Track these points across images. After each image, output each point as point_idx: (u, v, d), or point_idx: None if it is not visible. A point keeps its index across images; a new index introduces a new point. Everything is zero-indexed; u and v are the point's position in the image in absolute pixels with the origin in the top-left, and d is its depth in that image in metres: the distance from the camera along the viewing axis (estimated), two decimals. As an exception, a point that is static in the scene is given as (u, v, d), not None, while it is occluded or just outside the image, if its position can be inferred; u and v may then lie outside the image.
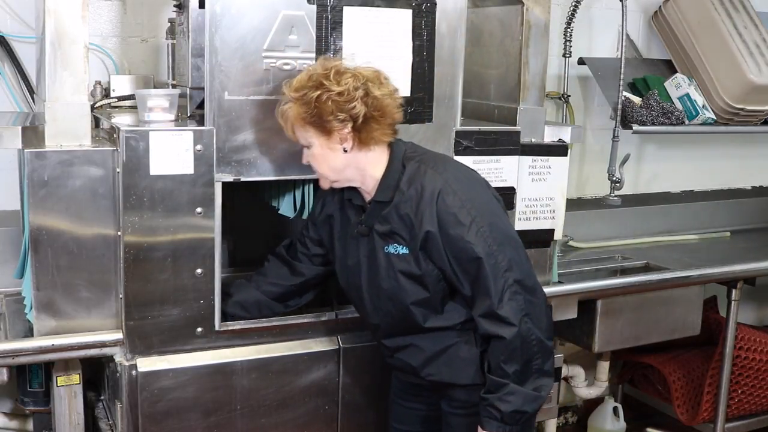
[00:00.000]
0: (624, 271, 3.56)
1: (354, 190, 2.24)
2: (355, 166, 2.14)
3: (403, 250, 2.14)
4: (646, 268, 3.56)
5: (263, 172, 2.38)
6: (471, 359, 2.20)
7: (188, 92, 2.49)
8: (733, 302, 3.53)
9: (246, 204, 2.84)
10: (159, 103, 2.38)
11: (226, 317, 2.43)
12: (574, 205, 3.70)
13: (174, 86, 2.67)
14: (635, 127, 3.62)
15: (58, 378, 2.42)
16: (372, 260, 2.20)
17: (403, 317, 2.20)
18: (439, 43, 2.51)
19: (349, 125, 2.07)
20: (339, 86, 2.05)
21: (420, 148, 2.25)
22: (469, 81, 2.75)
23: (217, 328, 2.40)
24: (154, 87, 2.90)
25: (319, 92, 2.05)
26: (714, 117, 3.75)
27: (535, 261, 2.95)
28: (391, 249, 2.16)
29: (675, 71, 3.84)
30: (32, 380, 2.62)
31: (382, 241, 2.17)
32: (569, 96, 3.75)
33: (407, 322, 2.21)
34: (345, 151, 2.12)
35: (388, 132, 2.14)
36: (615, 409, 3.85)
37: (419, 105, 2.51)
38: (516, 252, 2.11)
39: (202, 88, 2.32)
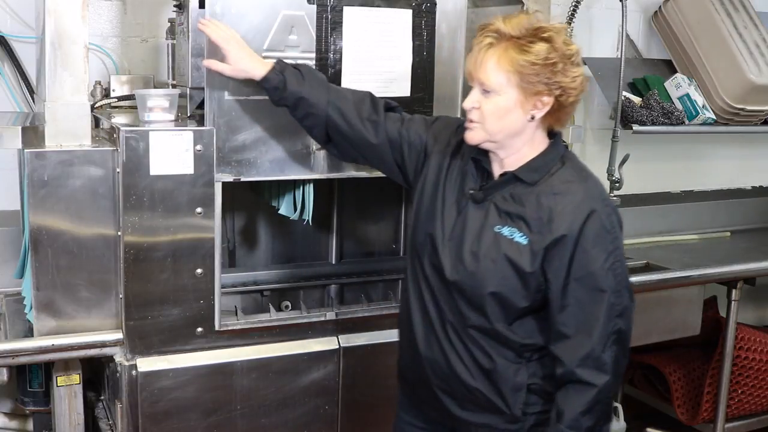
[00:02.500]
0: (624, 271, 3.55)
1: (484, 153, 1.99)
2: (523, 136, 1.91)
3: (521, 239, 1.88)
4: (646, 268, 3.55)
5: (263, 172, 2.38)
6: (520, 386, 1.96)
7: (188, 92, 2.49)
8: (733, 302, 3.53)
9: (246, 204, 2.85)
10: (159, 103, 2.38)
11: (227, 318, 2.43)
12: (574, 205, 3.68)
13: (174, 86, 2.67)
14: (635, 127, 3.62)
15: (58, 378, 2.42)
16: (476, 232, 1.93)
17: (467, 303, 1.94)
18: (439, 43, 2.51)
19: (556, 96, 1.85)
20: (569, 48, 1.85)
21: (578, 158, 2.04)
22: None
23: (217, 328, 2.40)
24: (154, 87, 2.90)
25: (548, 48, 1.82)
26: (714, 117, 3.74)
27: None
28: (506, 231, 1.90)
29: (675, 71, 3.84)
30: (32, 380, 2.62)
31: (499, 218, 1.91)
32: (569, 96, 3.75)
33: (471, 310, 1.94)
34: (532, 118, 1.88)
35: (570, 118, 1.98)
36: (615, 409, 3.84)
37: (419, 105, 2.51)
38: (631, 303, 1.92)
39: (202, 88, 2.32)
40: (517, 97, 1.86)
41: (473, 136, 1.93)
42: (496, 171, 1.98)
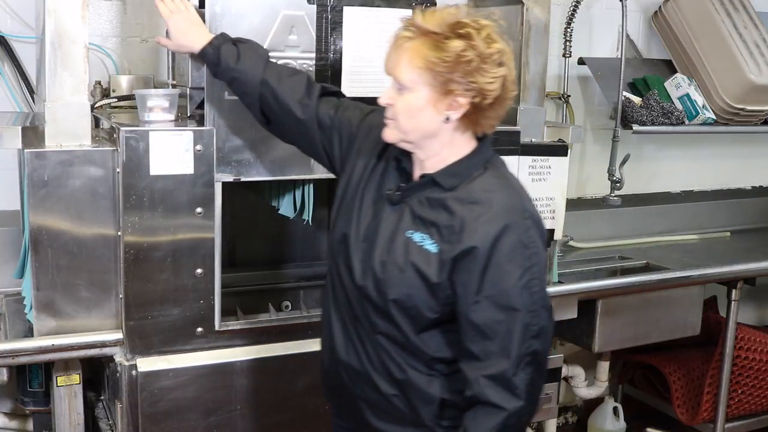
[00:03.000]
0: (624, 271, 3.56)
1: (407, 154, 1.87)
2: (440, 139, 1.78)
3: (431, 246, 1.76)
4: (646, 268, 3.56)
5: (263, 172, 2.38)
6: (433, 399, 1.84)
7: (188, 92, 2.48)
8: (733, 302, 3.53)
9: (246, 204, 2.84)
10: (159, 103, 2.38)
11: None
12: (574, 205, 3.69)
13: (174, 86, 2.67)
14: (635, 127, 3.62)
15: (58, 378, 2.42)
16: (388, 236, 1.82)
17: (375, 309, 1.83)
18: (439, 43, 2.50)
19: (472, 98, 1.71)
20: (489, 48, 1.70)
21: (506, 165, 1.89)
22: (469, 81, 2.74)
23: (217, 328, 2.40)
24: (154, 87, 2.90)
25: (464, 45, 1.68)
26: (714, 117, 3.75)
27: (535, 261, 2.96)
28: (417, 237, 1.78)
29: (675, 71, 3.84)
30: (32, 380, 2.62)
31: (412, 223, 1.80)
32: (569, 96, 3.75)
33: (378, 317, 1.84)
34: (447, 119, 1.75)
35: (495, 124, 1.80)
36: (615, 409, 3.85)
37: (419, 105, 2.51)
38: (549, 324, 1.78)
39: (202, 88, 2.32)
40: (430, 96, 1.74)
41: (388, 134, 1.82)
42: (417, 173, 1.86)
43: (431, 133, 1.78)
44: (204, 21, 2.25)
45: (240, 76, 2.13)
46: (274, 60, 2.22)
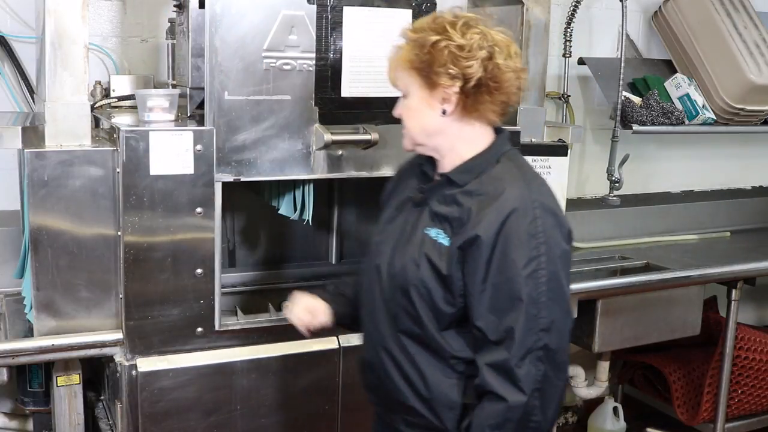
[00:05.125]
0: (624, 271, 3.55)
1: (429, 159, 1.93)
2: (447, 135, 1.83)
3: (443, 240, 1.79)
4: (646, 268, 3.55)
5: (263, 172, 2.38)
6: (455, 404, 1.83)
7: (188, 92, 2.49)
8: (733, 302, 3.53)
9: (246, 204, 2.84)
10: (159, 103, 2.38)
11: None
12: (574, 205, 3.69)
13: (174, 86, 2.67)
14: (635, 127, 3.62)
15: (58, 378, 2.42)
16: (408, 234, 1.87)
17: (397, 304, 1.85)
18: (439, 43, 2.50)
19: (458, 85, 1.76)
20: (462, 39, 1.75)
21: (523, 159, 1.92)
22: (469, 81, 2.75)
23: (217, 328, 2.40)
24: (154, 87, 2.90)
25: (438, 38, 1.76)
26: (714, 117, 3.75)
27: (535, 261, 2.96)
28: (432, 233, 1.82)
29: (675, 71, 3.84)
30: (32, 380, 2.62)
31: (430, 221, 1.84)
32: (569, 96, 3.75)
33: (396, 315, 1.86)
34: (444, 113, 1.80)
35: (497, 110, 1.82)
36: (615, 409, 3.85)
37: (419, 105, 2.51)
38: (564, 319, 1.75)
39: (202, 88, 2.32)
40: (421, 94, 1.81)
41: (404, 143, 1.91)
42: (437, 174, 1.92)
43: (436, 130, 1.83)
44: (204, 21, 2.25)
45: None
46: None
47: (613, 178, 3.57)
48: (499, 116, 1.84)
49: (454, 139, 1.83)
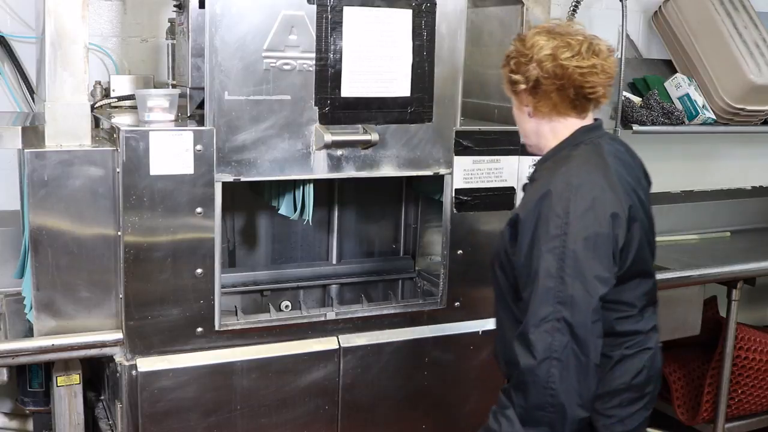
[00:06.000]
0: (624, 271, 3.55)
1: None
2: (540, 133, 2.04)
3: (505, 226, 2.01)
4: (646, 268, 3.55)
5: (263, 172, 2.38)
6: None
7: (188, 92, 2.49)
8: (733, 302, 3.53)
9: (246, 204, 2.85)
10: (159, 103, 2.38)
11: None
12: (574, 205, 3.69)
13: (174, 86, 2.67)
14: (635, 127, 3.63)
15: (58, 378, 2.42)
16: None
17: (496, 281, 2.08)
18: (439, 44, 2.51)
19: (522, 86, 1.98)
20: (524, 47, 1.97)
21: (597, 148, 2.01)
22: (469, 81, 2.75)
23: (217, 328, 2.40)
24: (154, 87, 2.90)
25: (511, 49, 2.02)
26: (714, 117, 3.75)
27: (535, 261, 2.95)
28: (513, 216, 2.01)
29: (675, 71, 3.84)
30: (32, 380, 2.62)
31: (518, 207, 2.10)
32: (569, 96, 3.75)
33: (495, 284, 2.08)
34: (529, 115, 2.02)
35: (567, 105, 1.98)
36: (615, 409, 3.84)
37: (419, 105, 2.51)
38: (584, 297, 1.81)
39: (202, 88, 2.32)
40: (514, 101, 2.06)
41: (526, 146, 2.16)
42: None
43: (531, 131, 2.07)
44: (204, 21, 2.25)
45: None
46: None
47: (613, 178, 3.57)
48: (579, 110, 1.99)
49: (541, 136, 2.05)
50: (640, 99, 3.71)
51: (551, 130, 2.02)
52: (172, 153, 2.26)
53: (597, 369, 1.83)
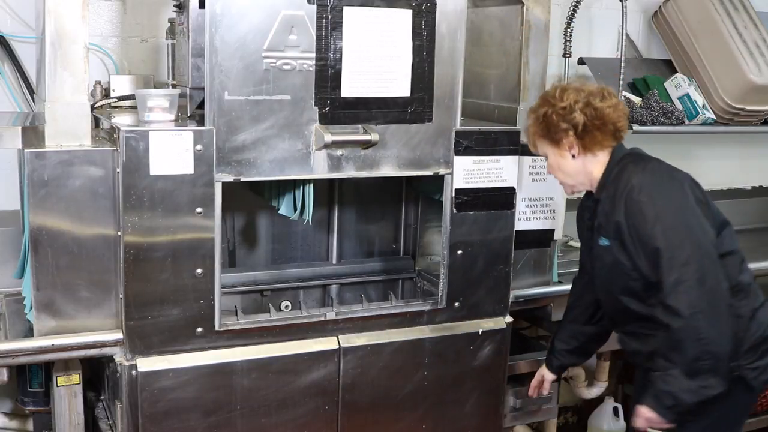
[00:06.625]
0: (624, 271, 3.55)
1: (587, 195, 2.54)
2: (583, 169, 2.41)
3: (605, 242, 2.37)
4: (646, 268, 3.54)
5: (263, 172, 2.38)
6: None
7: (188, 92, 2.49)
8: (733, 302, 3.52)
9: (246, 204, 2.85)
10: (159, 103, 2.38)
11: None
12: (574, 205, 3.68)
13: (174, 86, 2.67)
14: (635, 127, 3.62)
15: (58, 378, 2.42)
16: (596, 253, 2.45)
17: (615, 305, 2.44)
18: (439, 43, 2.51)
19: (571, 133, 2.36)
20: (562, 102, 2.36)
21: (640, 153, 2.46)
22: (469, 81, 2.75)
23: (217, 328, 2.40)
24: (154, 87, 2.90)
25: (545, 108, 2.38)
26: (714, 117, 3.74)
27: (535, 261, 2.96)
28: (601, 241, 2.39)
29: (675, 71, 3.84)
30: (32, 380, 2.62)
31: (597, 234, 2.41)
32: (569, 96, 3.75)
33: (621, 310, 2.43)
34: (573, 156, 2.40)
35: (609, 138, 2.39)
36: (615, 409, 3.85)
37: (419, 105, 2.51)
38: (696, 251, 2.21)
39: (202, 88, 2.32)
40: (554, 151, 2.42)
41: (565, 190, 2.61)
42: None
43: (575, 171, 2.43)
44: (204, 21, 2.25)
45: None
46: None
47: (613, 178, 3.57)
48: (614, 140, 2.40)
49: (590, 169, 2.41)
50: (640, 99, 3.70)
51: (598, 162, 2.40)
52: (172, 153, 2.26)
53: (730, 308, 2.22)
